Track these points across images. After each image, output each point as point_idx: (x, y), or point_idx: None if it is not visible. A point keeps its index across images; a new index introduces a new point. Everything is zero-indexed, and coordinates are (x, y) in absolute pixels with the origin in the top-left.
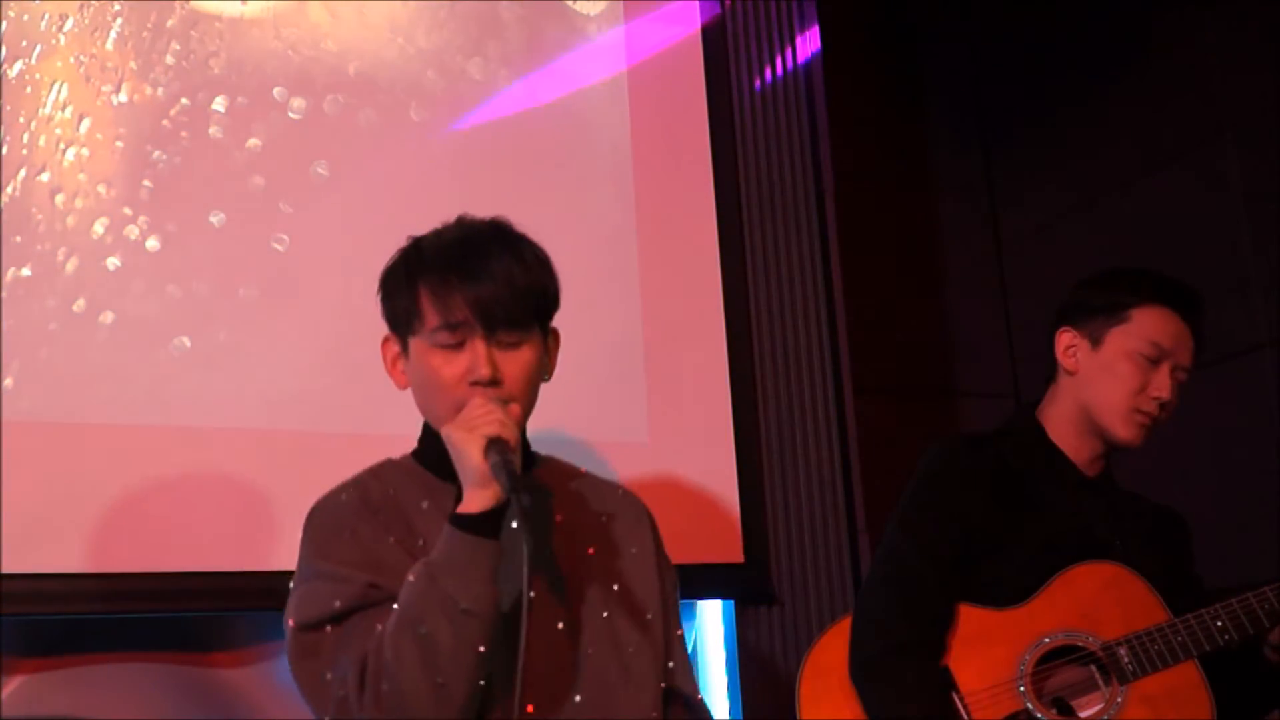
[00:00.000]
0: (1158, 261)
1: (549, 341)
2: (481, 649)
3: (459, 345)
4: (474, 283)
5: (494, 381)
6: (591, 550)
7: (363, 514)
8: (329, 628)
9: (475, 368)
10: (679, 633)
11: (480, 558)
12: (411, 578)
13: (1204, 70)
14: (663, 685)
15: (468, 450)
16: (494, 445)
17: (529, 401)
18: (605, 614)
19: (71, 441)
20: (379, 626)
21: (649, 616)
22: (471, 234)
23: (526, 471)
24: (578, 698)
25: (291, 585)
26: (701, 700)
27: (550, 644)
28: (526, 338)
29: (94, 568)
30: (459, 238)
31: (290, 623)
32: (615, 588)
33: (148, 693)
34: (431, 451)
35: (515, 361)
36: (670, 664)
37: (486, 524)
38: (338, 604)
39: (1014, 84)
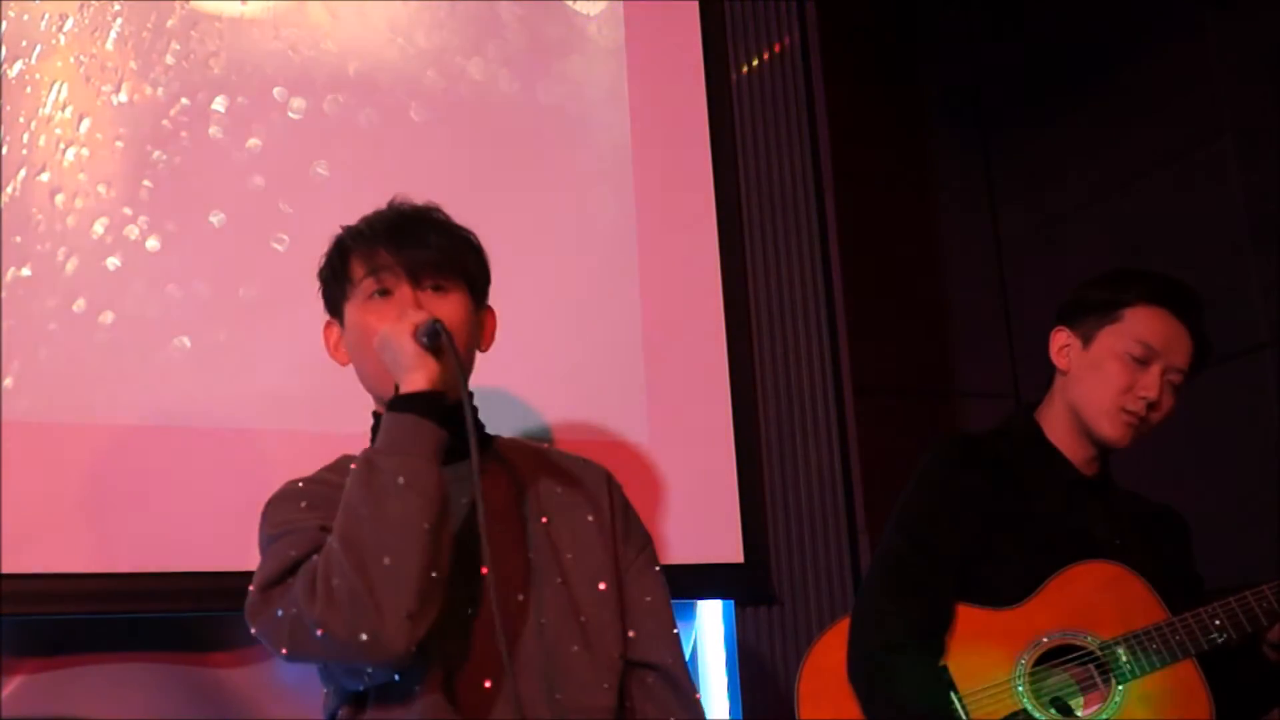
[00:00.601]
0: (1158, 261)
1: (482, 315)
2: (426, 526)
3: (388, 293)
4: (402, 245)
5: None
6: (545, 519)
7: (317, 489)
8: (289, 578)
9: (402, 308)
10: (648, 600)
11: (418, 435)
12: (353, 467)
13: (1204, 70)
14: (623, 656)
15: (397, 337)
16: (423, 325)
17: (465, 357)
18: (559, 581)
19: (71, 441)
20: None
21: (602, 587)
22: (403, 210)
23: (484, 449)
24: (534, 669)
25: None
26: (673, 667)
27: (508, 615)
28: (453, 288)
29: (94, 568)
30: (389, 214)
31: (251, 588)
32: (569, 556)
33: (148, 693)
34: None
35: (443, 304)
36: (630, 634)
37: (422, 402)
38: (293, 553)
39: (1014, 84)
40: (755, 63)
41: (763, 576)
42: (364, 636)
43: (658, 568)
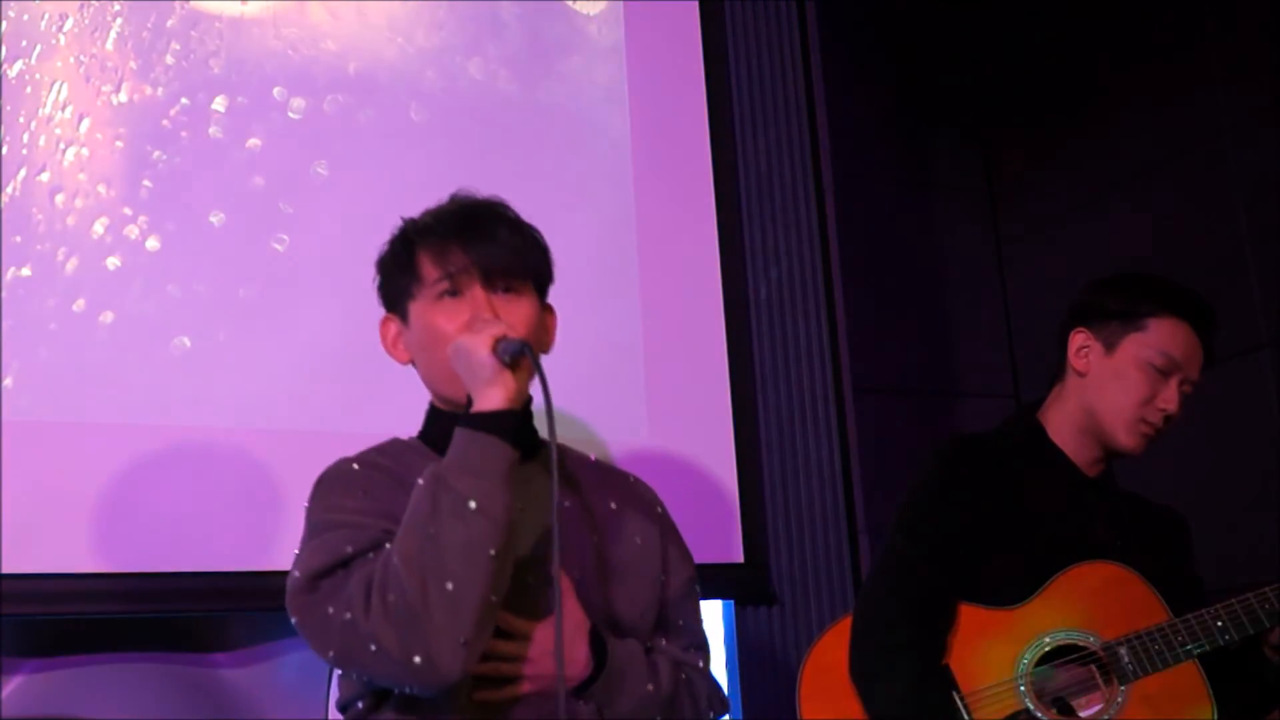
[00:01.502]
0: (1157, 261)
1: (545, 316)
2: (492, 552)
3: (458, 294)
4: (473, 242)
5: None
6: (595, 538)
7: (374, 475)
8: (339, 572)
9: (477, 313)
10: (680, 623)
11: (491, 455)
12: (420, 481)
13: (1204, 70)
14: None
15: (475, 349)
16: (503, 340)
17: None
18: (608, 598)
19: (71, 441)
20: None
21: (640, 612)
22: (469, 205)
23: (532, 456)
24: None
25: (298, 549)
26: (699, 670)
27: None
28: (524, 291)
29: (94, 568)
30: (457, 209)
31: (296, 573)
32: (616, 577)
33: (148, 693)
34: (436, 431)
35: (514, 309)
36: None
37: (497, 422)
38: (349, 549)
39: (1014, 84)
40: (755, 63)
41: (763, 576)
42: (418, 659)
43: (697, 593)
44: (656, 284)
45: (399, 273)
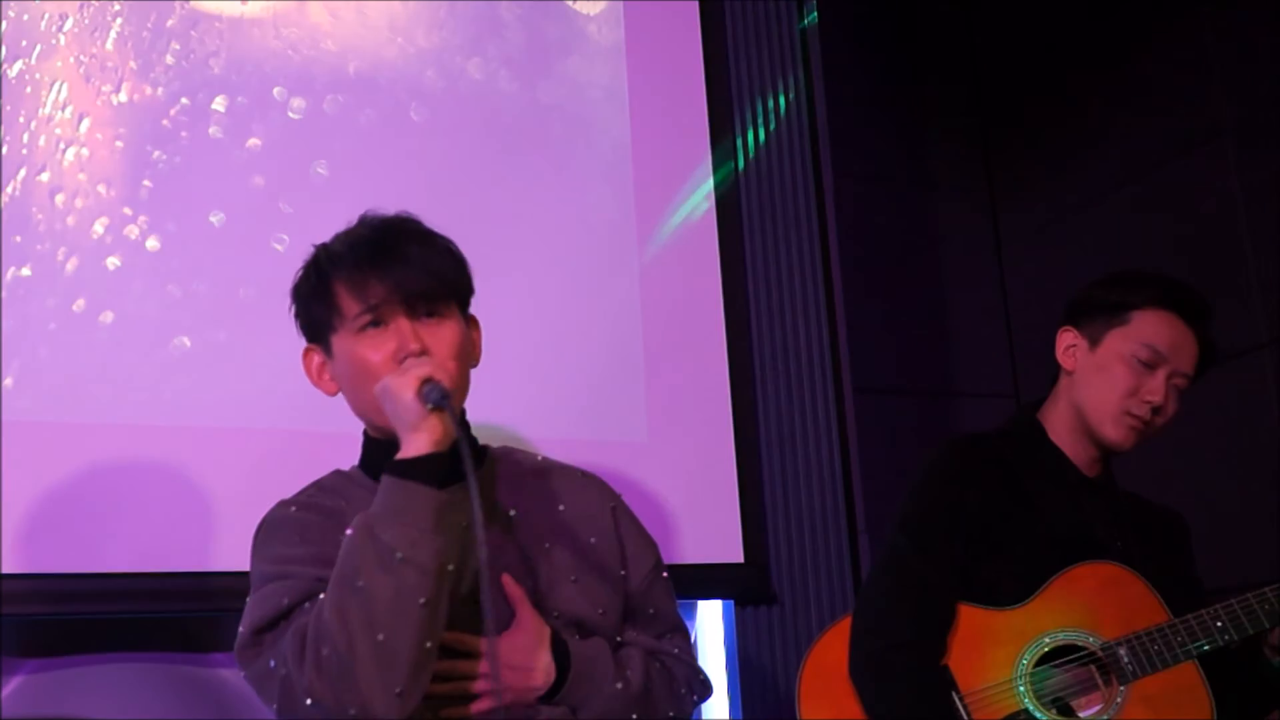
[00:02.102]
0: (1157, 261)
1: (471, 330)
2: (422, 600)
3: (382, 326)
4: (389, 267)
5: (423, 354)
6: (547, 544)
7: (310, 518)
8: (281, 624)
9: (403, 344)
10: (651, 612)
11: (417, 503)
12: (349, 532)
13: (1204, 70)
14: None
15: (400, 392)
16: (429, 383)
17: (461, 381)
18: (555, 614)
19: (71, 441)
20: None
21: (602, 611)
22: (379, 227)
23: (477, 465)
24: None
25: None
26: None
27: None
28: (448, 313)
29: (94, 568)
30: (368, 231)
31: (242, 629)
32: (572, 579)
33: (148, 693)
34: (370, 461)
35: (440, 335)
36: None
37: (423, 468)
38: (286, 599)
39: (1014, 83)
40: (755, 64)
41: (762, 576)
42: (352, 711)
43: (666, 578)
44: (656, 284)
45: (316, 304)
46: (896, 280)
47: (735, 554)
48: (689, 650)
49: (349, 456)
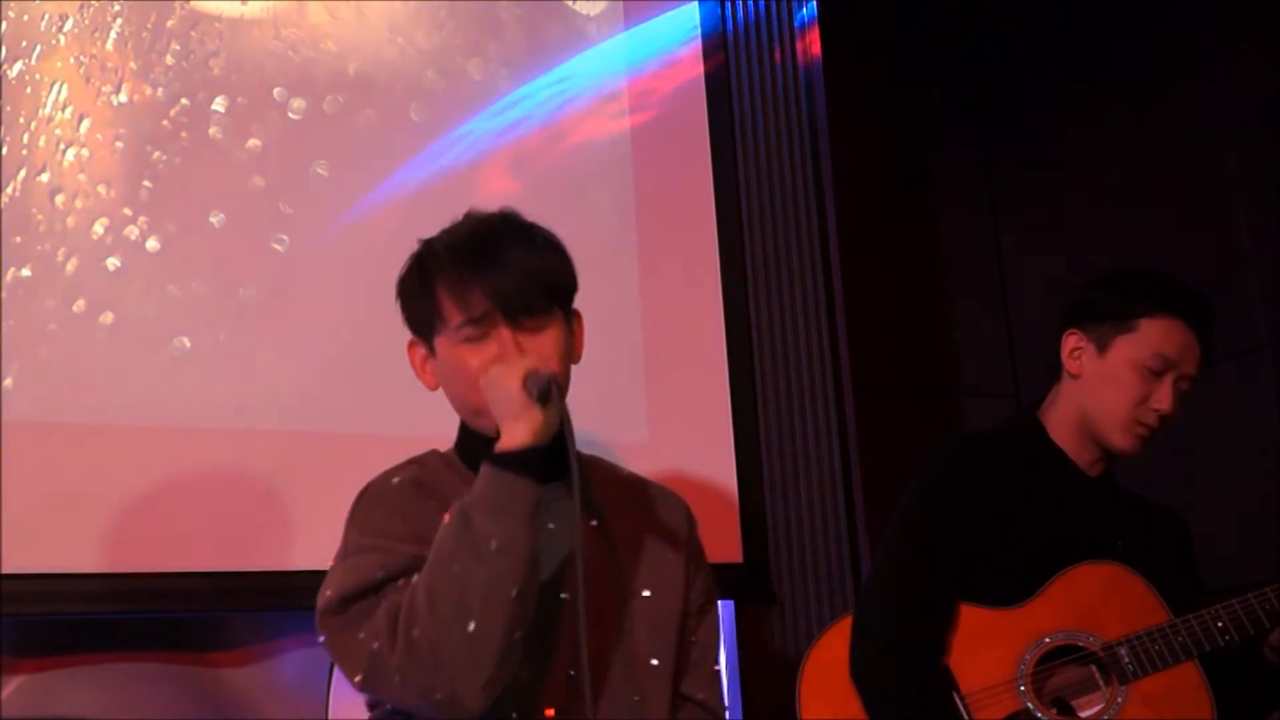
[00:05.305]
0: (1157, 261)
1: (573, 324)
2: (514, 592)
3: (484, 336)
4: (490, 274)
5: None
6: (625, 559)
7: (413, 495)
8: (371, 596)
9: (503, 354)
10: (693, 640)
11: (516, 496)
12: (446, 518)
13: (1204, 69)
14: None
15: (505, 381)
16: (533, 374)
17: (564, 381)
18: (627, 625)
19: (71, 441)
20: None
21: (671, 629)
22: (481, 226)
23: (564, 474)
24: (610, 702)
25: (331, 565)
26: (708, 699)
27: (575, 648)
28: (549, 321)
29: (94, 568)
30: (469, 232)
31: (329, 593)
32: (645, 593)
33: (148, 693)
34: (467, 449)
35: (542, 341)
36: (676, 670)
37: (522, 461)
38: (380, 574)
39: (1014, 83)
40: (755, 64)
41: (762, 576)
42: (439, 695)
43: (717, 606)
44: (656, 284)
45: (419, 303)
46: (896, 280)
47: (735, 554)
48: (719, 696)
49: (349, 456)
